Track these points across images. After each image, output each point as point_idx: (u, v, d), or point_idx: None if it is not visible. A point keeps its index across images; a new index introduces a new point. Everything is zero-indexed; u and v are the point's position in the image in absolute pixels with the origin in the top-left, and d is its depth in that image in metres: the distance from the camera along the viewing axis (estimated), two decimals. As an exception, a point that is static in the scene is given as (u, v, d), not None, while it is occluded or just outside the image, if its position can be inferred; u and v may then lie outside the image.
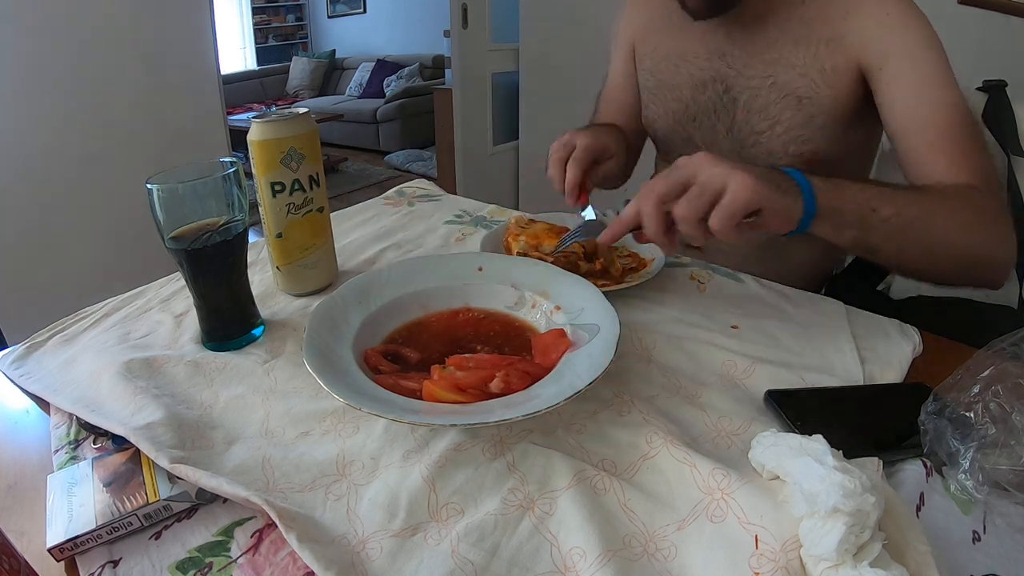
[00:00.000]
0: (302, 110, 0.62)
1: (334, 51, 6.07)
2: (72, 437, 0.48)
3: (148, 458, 0.42)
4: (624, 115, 0.97)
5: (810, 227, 0.53)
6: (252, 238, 0.61)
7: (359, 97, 5.37)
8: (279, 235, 0.63)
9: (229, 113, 2.25)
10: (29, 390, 0.53)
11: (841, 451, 0.36)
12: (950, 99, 0.66)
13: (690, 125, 0.85)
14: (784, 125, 0.76)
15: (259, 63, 6.14)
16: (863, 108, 0.73)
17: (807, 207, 0.52)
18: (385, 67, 5.38)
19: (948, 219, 0.59)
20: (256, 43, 6.15)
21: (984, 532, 0.38)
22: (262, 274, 0.71)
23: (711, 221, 0.48)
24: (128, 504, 0.39)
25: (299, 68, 5.93)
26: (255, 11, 6.08)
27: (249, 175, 0.61)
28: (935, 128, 0.65)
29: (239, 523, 0.39)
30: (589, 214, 0.72)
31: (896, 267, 0.65)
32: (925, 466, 0.41)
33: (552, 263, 0.63)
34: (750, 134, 0.79)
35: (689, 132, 0.86)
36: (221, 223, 0.54)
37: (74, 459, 0.45)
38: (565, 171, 0.71)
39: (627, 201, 0.65)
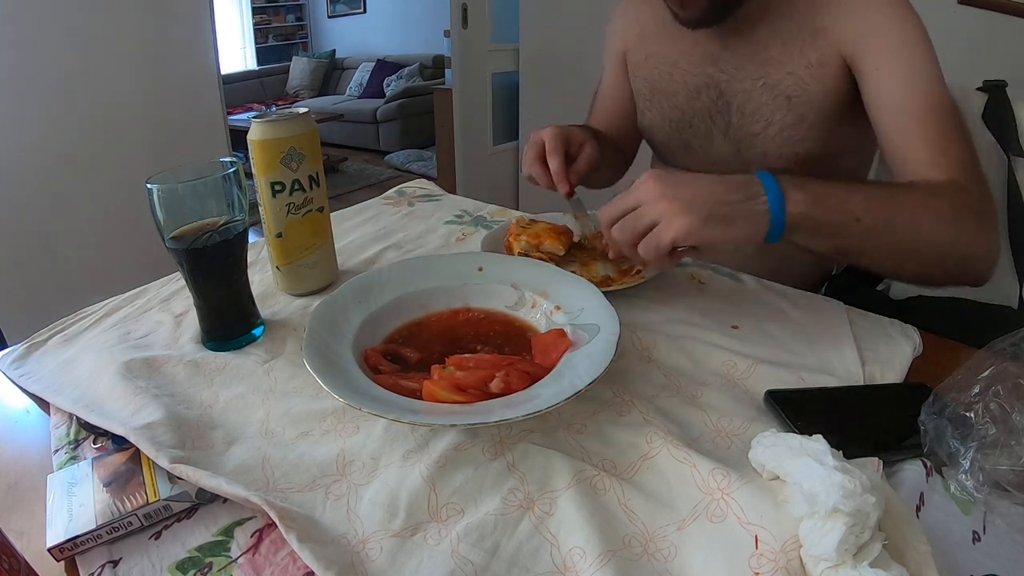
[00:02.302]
0: (302, 110, 0.62)
1: (334, 51, 6.08)
2: (72, 437, 0.48)
3: (148, 458, 0.42)
4: (617, 120, 0.98)
5: (783, 238, 0.54)
6: (252, 238, 0.61)
7: (359, 97, 5.37)
8: (279, 235, 0.63)
9: (229, 113, 2.25)
10: (29, 390, 0.53)
11: (841, 451, 0.36)
12: (933, 91, 0.66)
13: (687, 131, 0.85)
14: (777, 126, 0.77)
15: (259, 63, 6.14)
16: (854, 103, 0.73)
17: (774, 225, 0.52)
18: (385, 67, 5.39)
19: (933, 222, 0.58)
20: (256, 43, 6.15)
21: (984, 532, 0.38)
22: (262, 274, 0.71)
23: (639, 248, 0.52)
24: (128, 504, 0.39)
25: (299, 68, 5.94)
26: (255, 11, 6.08)
27: (249, 175, 0.61)
28: (917, 119, 0.65)
29: (239, 523, 0.39)
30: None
31: (879, 270, 0.65)
32: (925, 466, 0.41)
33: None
34: (745, 137, 0.79)
35: (686, 138, 0.86)
36: (221, 223, 0.54)
37: (74, 459, 0.45)
38: (543, 168, 0.74)
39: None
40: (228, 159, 0.55)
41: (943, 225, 0.59)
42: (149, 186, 0.50)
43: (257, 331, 0.59)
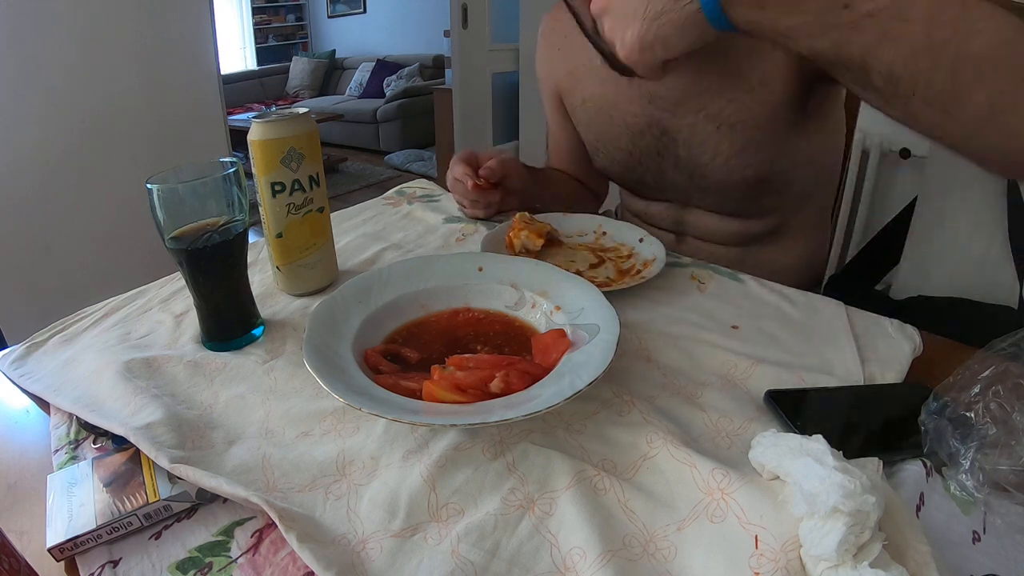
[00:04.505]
0: (302, 110, 0.62)
1: (334, 51, 6.08)
2: (72, 437, 0.48)
3: (148, 458, 0.42)
4: (573, 159, 0.96)
5: (734, 24, 0.45)
6: (252, 238, 0.61)
7: (359, 97, 5.37)
8: (279, 235, 0.63)
9: (229, 113, 2.25)
10: (29, 390, 0.53)
11: (841, 451, 0.36)
12: None
13: (638, 168, 0.84)
14: (724, 155, 0.75)
15: (259, 63, 6.15)
16: (809, 109, 0.70)
17: (713, 19, 0.46)
18: (385, 67, 5.39)
19: (979, 17, 0.39)
20: (256, 43, 6.16)
21: (984, 532, 0.38)
22: (262, 274, 0.71)
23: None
24: (128, 504, 0.39)
25: (299, 68, 5.94)
26: (255, 11, 6.09)
27: (249, 175, 0.61)
28: None
29: (239, 523, 0.39)
30: None
31: (904, 95, 0.43)
32: (925, 466, 0.41)
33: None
34: (696, 167, 0.78)
35: (639, 174, 0.85)
36: (221, 223, 0.54)
37: (74, 459, 0.45)
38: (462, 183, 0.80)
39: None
40: (228, 159, 0.55)
41: (990, 29, 0.39)
42: (149, 186, 0.50)
43: (257, 331, 0.59)
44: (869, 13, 0.40)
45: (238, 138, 1.71)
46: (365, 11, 5.91)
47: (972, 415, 0.41)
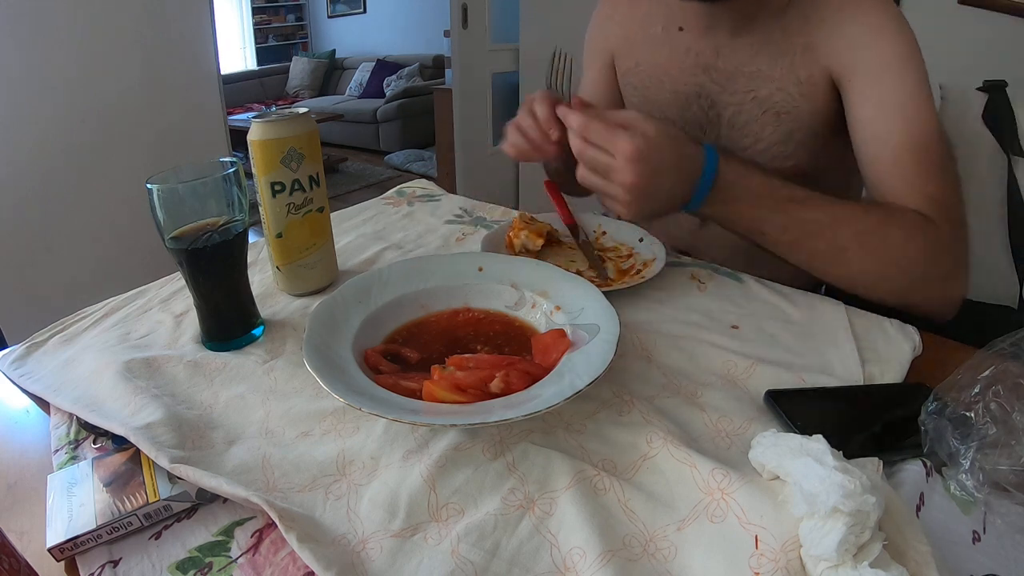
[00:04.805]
0: (302, 110, 0.62)
1: (334, 51, 6.08)
2: (72, 437, 0.48)
3: (148, 458, 0.42)
4: None
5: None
6: (252, 238, 0.61)
7: (359, 97, 5.37)
8: (279, 235, 0.63)
9: (229, 113, 2.25)
10: (29, 390, 0.53)
11: (841, 451, 0.36)
12: (915, 125, 0.64)
13: None
14: (765, 142, 0.76)
15: (259, 63, 6.15)
16: (843, 118, 0.71)
17: (691, 207, 0.60)
18: (385, 67, 5.39)
19: (861, 238, 0.61)
20: (256, 43, 6.16)
21: (984, 532, 0.38)
22: (262, 274, 0.71)
23: (586, 175, 0.59)
24: (128, 504, 0.39)
25: (299, 68, 5.94)
26: (255, 11, 6.09)
27: (249, 175, 0.61)
28: (894, 154, 0.64)
29: (239, 523, 0.39)
30: None
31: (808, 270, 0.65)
32: (925, 466, 0.41)
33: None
34: (736, 150, 0.78)
35: None
36: (221, 223, 0.54)
37: (74, 459, 0.45)
38: (533, 120, 0.66)
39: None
40: (228, 159, 0.55)
41: (880, 261, 0.61)
42: (149, 186, 0.50)
43: (257, 331, 0.59)
44: (773, 241, 0.63)
45: (238, 138, 1.71)
46: (365, 11, 5.91)
47: (972, 415, 0.41)
